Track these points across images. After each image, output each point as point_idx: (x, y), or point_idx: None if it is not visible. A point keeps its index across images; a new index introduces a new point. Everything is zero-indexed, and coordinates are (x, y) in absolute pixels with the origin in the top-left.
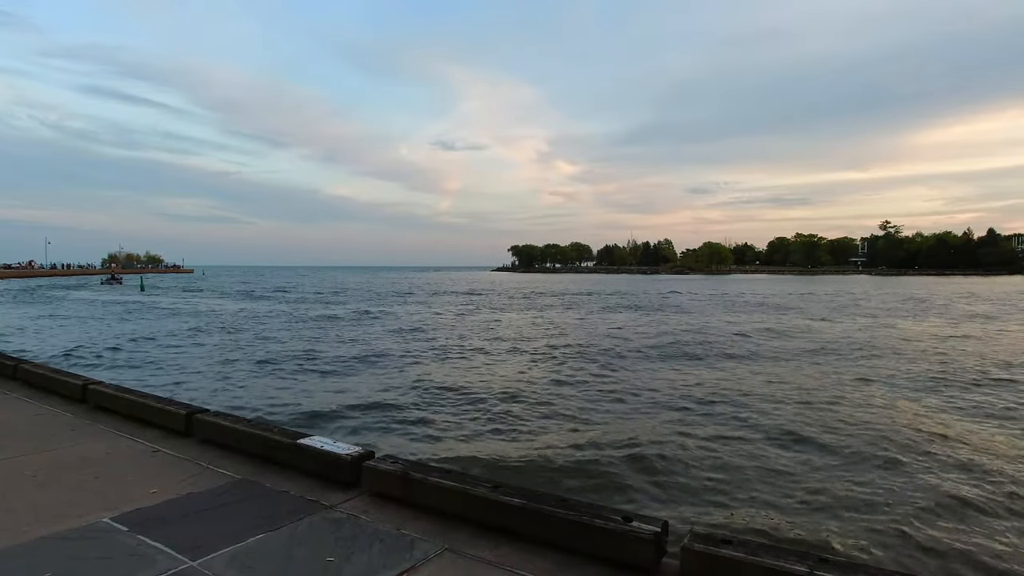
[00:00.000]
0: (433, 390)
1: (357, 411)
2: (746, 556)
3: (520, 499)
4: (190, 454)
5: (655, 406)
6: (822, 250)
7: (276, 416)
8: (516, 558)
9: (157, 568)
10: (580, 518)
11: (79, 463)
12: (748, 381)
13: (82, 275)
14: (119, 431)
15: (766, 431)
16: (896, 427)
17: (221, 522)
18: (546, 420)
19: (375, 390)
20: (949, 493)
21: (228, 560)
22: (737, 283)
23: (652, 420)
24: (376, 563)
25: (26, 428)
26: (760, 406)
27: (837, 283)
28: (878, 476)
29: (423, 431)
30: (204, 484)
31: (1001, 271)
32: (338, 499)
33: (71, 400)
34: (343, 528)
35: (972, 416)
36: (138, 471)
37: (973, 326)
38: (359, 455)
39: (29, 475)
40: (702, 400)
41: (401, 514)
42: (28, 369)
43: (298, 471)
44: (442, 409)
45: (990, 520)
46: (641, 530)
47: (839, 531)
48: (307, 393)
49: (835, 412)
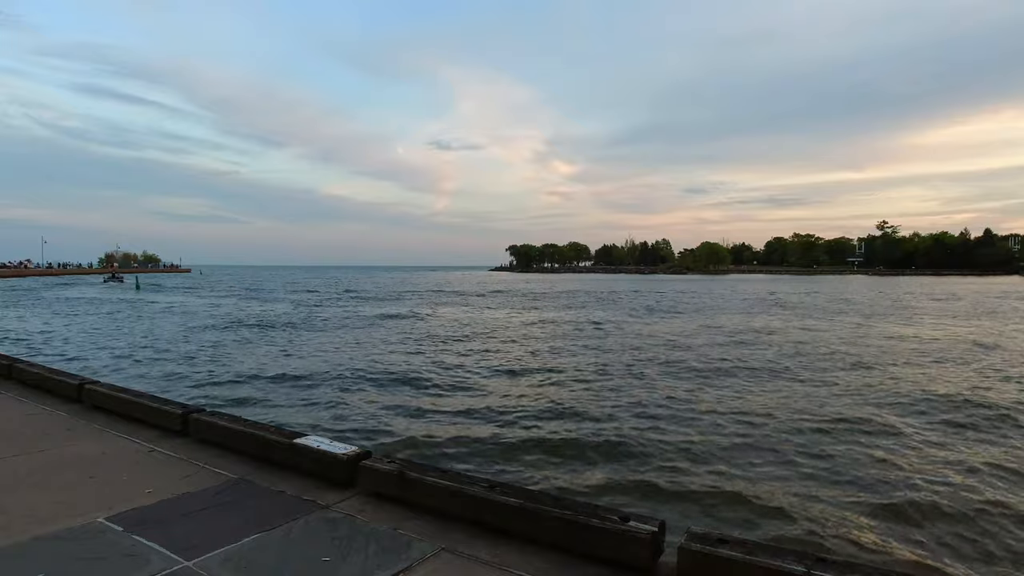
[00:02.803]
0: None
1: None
2: (743, 556)
3: (517, 499)
4: (186, 454)
5: (655, 406)
6: (819, 250)
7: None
8: (513, 558)
9: (152, 568)
10: (577, 518)
11: (74, 463)
12: (749, 380)
13: (78, 274)
14: (115, 431)
15: (765, 431)
16: (897, 426)
17: (216, 522)
18: (546, 419)
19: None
20: (947, 491)
21: (223, 560)
22: (743, 283)
23: (652, 420)
24: (372, 563)
25: (21, 428)
26: (760, 406)
27: (831, 283)
28: (878, 475)
29: (423, 429)
30: (200, 484)
31: (998, 271)
32: (334, 499)
33: (67, 400)
34: (339, 528)
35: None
36: (134, 471)
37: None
38: (355, 454)
39: (24, 475)
40: (702, 399)
41: (397, 514)
42: (23, 368)
43: (294, 471)
44: (447, 406)
45: (990, 520)
46: (638, 530)
47: (838, 531)
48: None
49: (833, 411)
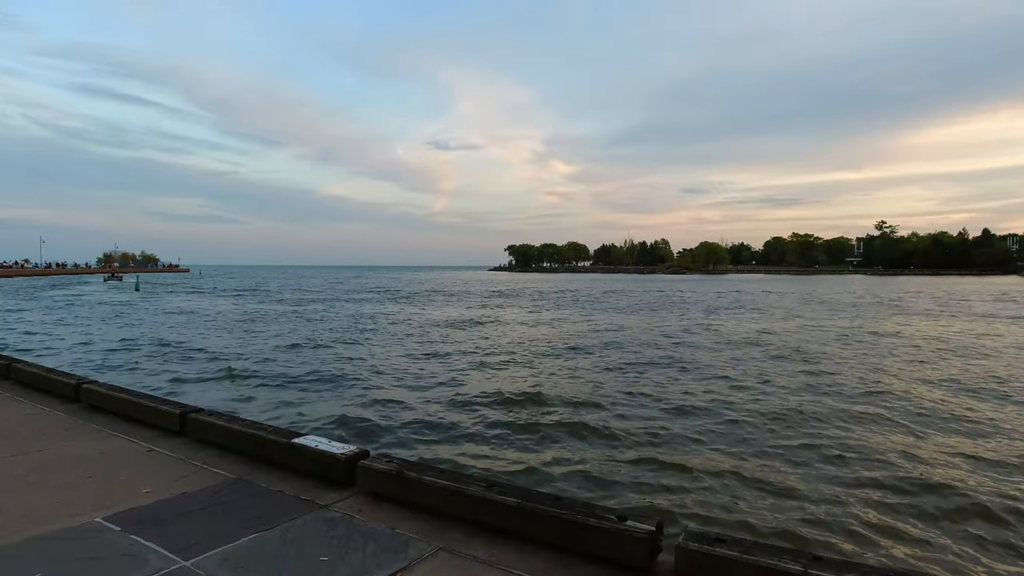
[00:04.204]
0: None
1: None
2: (740, 555)
3: (514, 498)
4: (184, 454)
5: (655, 407)
6: (818, 250)
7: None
8: (510, 557)
9: (149, 568)
10: (574, 517)
11: (72, 463)
12: (751, 382)
13: (76, 274)
14: (113, 431)
15: (764, 431)
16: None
17: (214, 522)
18: (546, 420)
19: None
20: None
21: (221, 560)
22: (745, 283)
23: (651, 421)
24: (370, 563)
25: (18, 428)
26: (759, 406)
27: (828, 283)
28: (877, 477)
29: (420, 429)
30: (198, 484)
31: (996, 271)
32: (332, 498)
33: (64, 399)
34: (337, 528)
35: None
36: (131, 471)
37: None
38: (354, 454)
39: (21, 475)
40: (701, 400)
41: (396, 513)
42: (21, 368)
43: (293, 471)
44: (449, 410)
45: (989, 517)
46: (635, 529)
47: (837, 530)
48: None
49: (831, 410)
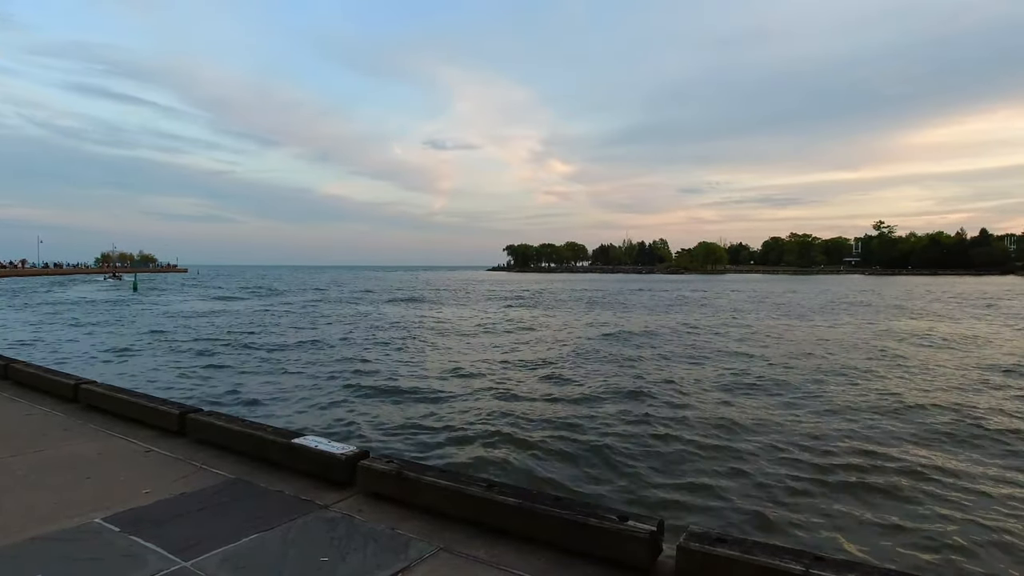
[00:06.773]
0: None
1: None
2: (742, 554)
3: (515, 498)
4: (183, 454)
5: (654, 407)
6: (816, 250)
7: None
8: (511, 557)
9: (149, 568)
10: (575, 517)
11: (71, 463)
12: (750, 382)
13: (75, 274)
14: (112, 431)
15: (763, 432)
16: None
17: (214, 522)
18: (545, 419)
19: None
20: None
21: (221, 560)
22: (746, 283)
23: (650, 421)
24: (370, 563)
25: (17, 428)
26: (758, 406)
27: (824, 282)
28: (875, 475)
29: (421, 429)
30: (197, 484)
31: (993, 271)
32: (332, 499)
33: (63, 400)
34: (337, 528)
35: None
36: (131, 471)
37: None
38: (354, 454)
39: (20, 475)
40: (700, 401)
41: (396, 514)
42: (19, 368)
43: (292, 471)
44: (449, 406)
45: (987, 518)
46: (636, 529)
47: (836, 530)
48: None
49: (830, 409)
